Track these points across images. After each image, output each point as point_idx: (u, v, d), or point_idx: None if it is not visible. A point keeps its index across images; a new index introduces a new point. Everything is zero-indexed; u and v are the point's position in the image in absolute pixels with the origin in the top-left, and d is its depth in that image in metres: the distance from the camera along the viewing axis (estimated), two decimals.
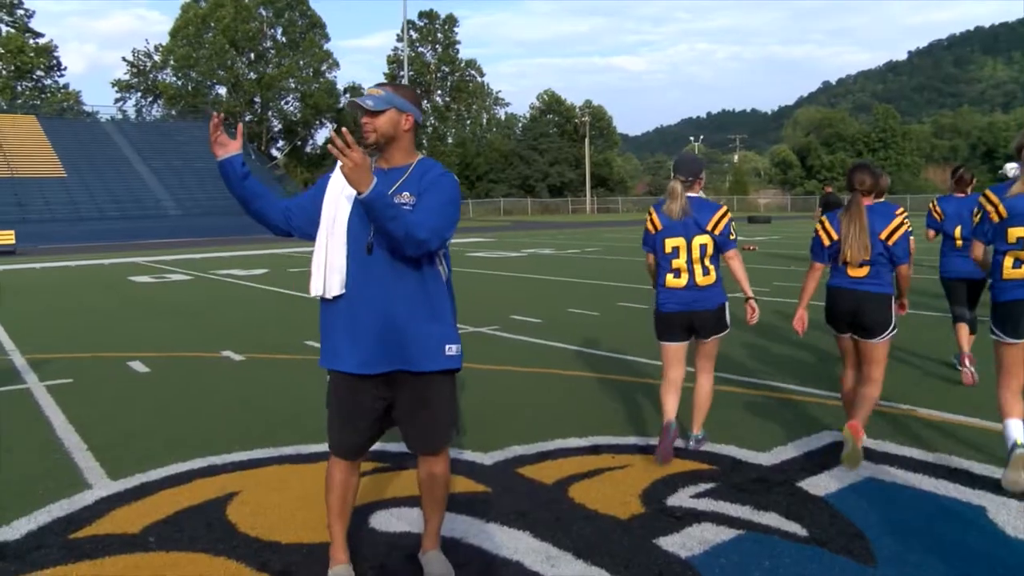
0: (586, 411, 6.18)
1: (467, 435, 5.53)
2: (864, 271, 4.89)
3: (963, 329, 7.07)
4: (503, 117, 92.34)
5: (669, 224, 5.00)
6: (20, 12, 72.79)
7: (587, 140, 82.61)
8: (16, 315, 12.53)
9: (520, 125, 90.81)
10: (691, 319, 4.98)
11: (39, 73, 73.85)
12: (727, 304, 5.04)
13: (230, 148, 3.30)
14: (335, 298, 3.25)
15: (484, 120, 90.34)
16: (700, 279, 4.95)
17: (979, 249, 4.78)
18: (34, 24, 74.52)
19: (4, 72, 71.22)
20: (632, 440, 5.39)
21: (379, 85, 3.34)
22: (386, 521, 4.13)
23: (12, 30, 71.96)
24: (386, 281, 3.21)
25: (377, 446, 3.78)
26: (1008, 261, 4.51)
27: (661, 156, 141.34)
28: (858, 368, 5.12)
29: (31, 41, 72.68)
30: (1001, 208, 4.52)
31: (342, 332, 3.26)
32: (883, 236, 4.85)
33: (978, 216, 4.72)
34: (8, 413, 6.54)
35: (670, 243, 4.98)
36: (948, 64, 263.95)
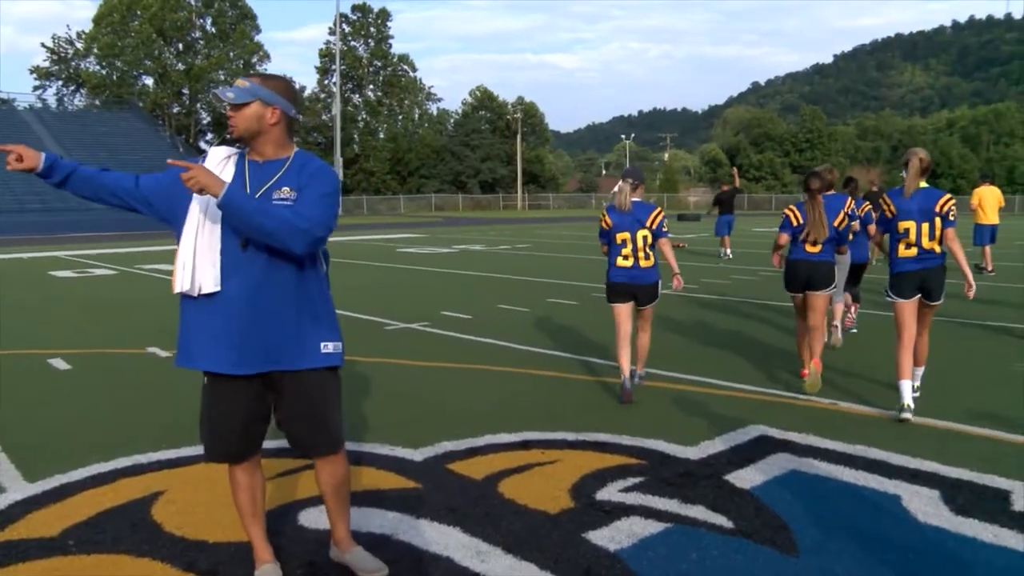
0: (516, 406, 6.20)
1: (396, 431, 5.50)
2: (818, 248, 6.86)
3: (848, 297, 9.35)
4: (435, 113, 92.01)
5: (619, 222, 6.52)
6: None
7: (519, 137, 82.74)
8: None
9: (452, 121, 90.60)
10: (633, 290, 6.52)
11: None
12: (659, 281, 6.57)
13: (27, 160, 3.10)
14: (204, 295, 3.12)
15: (416, 115, 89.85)
16: (643, 263, 6.49)
17: (879, 236, 6.49)
18: None
19: None
20: (561, 435, 5.41)
21: (247, 76, 3.24)
22: (315, 518, 4.08)
23: None
24: (261, 278, 3.12)
25: None
26: (900, 246, 6.09)
27: (592, 153, 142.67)
28: (805, 317, 6.98)
29: None
30: (892, 207, 6.09)
31: (212, 331, 3.13)
32: (835, 223, 6.87)
33: (876, 213, 6.42)
34: None
35: (619, 236, 6.51)
36: (871, 68, 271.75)
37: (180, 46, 77.21)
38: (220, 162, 3.23)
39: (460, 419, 5.83)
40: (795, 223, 6.92)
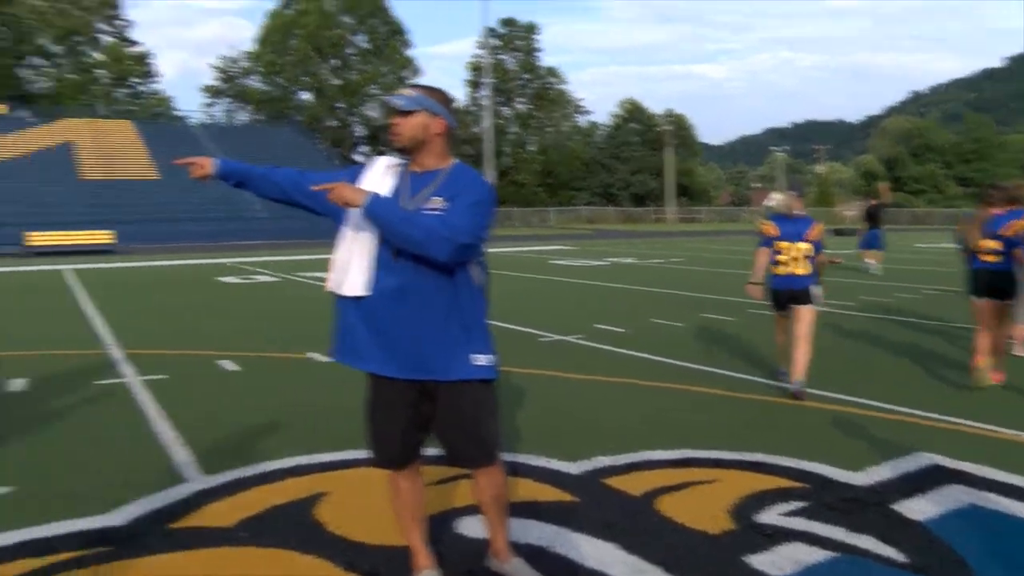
0: (673, 423, 6.12)
1: (552, 443, 5.52)
2: (995, 258, 7.34)
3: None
4: (584, 125, 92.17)
5: (783, 231, 7.04)
6: (120, 22, 75.64)
7: (669, 149, 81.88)
8: (114, 311, 12.95)
9: (601, 133, 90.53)
10: (790, 294, 7.05)
11: (135, 80, 76.44)
12: (814, 287, 7.04)
13: (205, 168, 3.37)
14: (357, 298, 3.19)
15: (565, 128, 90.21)
16: (799, 271, 6.99)
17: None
18: (131, 34, 77.46)
19: (105, 80, 74.03)
20: (720, 454, 5.29)
21: (412, 86, 3.31)
22: (473, 527, 4.12)
23: (113, 40, 74.76)
24: (410, 286, 3.15)
25: None
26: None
27: (744, 166, 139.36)
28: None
29: (129, 50, 75.37)
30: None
31: (368, 333, 3.20)
32: (1002, 232, 7.25)
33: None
34: (108, 405, 6.78)
35: (781, 245, 7.03)
36: None
37: (335, 62, 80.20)
38: (383, 171, 3.33)
39: (616, 433, 5.79)
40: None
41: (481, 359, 3.26)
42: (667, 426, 6.02)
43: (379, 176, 3.31)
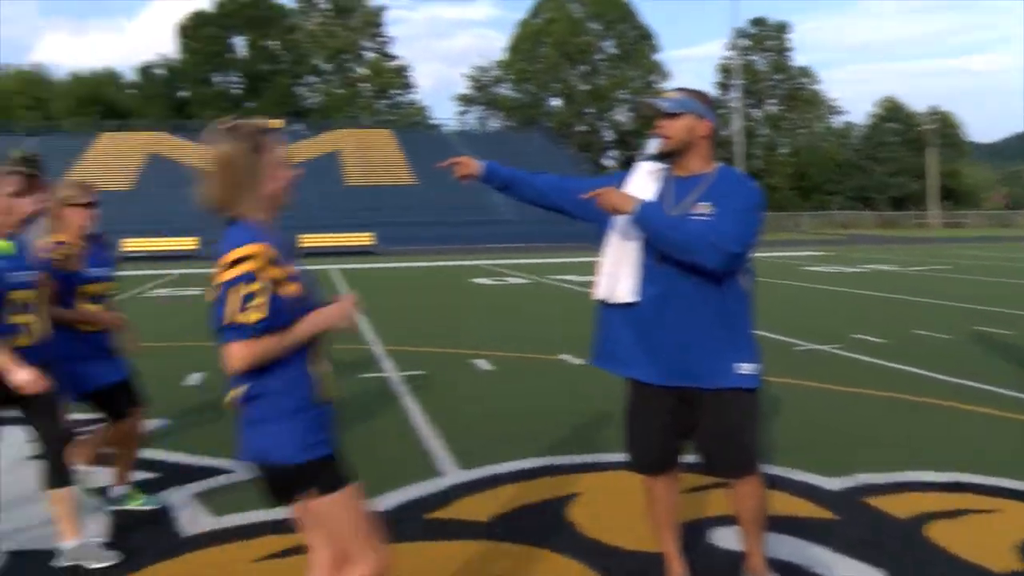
0: (943, 443, 5.68)
1: (809, 456, 5.27)
2: None
3: None
4: (839, 126, 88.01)
5: None
6: (382, 39, 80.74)
7: (932, 149, 76.50)
8: (375, 308, 13.74)
9: (857, 134, 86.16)
10: None
11: (395, 91, 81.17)
12: None
13: (470, 168, 3.44)
14: (623, 304, 3.16)
15: (819, 129, 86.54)
16: None
17: None
18: (392, 49, 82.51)
19: (368, 92, 79.27)
20: (1003, 482, 4.81)
21: (677, 89, 3.25)
22: (726, 538, 4.01)
23: (375, 55, 79.90)
24: (675, 292, 3.09)
25: None
26: None
27: (1020, 164, 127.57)
28: None
29: (389, 63, 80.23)
30: None
31: (632, 339, 3.17)
32: None
33: None
34: (373, 397, 7.23)
35: None
36: None
37: (584, 68, 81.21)
38: (645, 176, 3.29)
39: (878, 450, 5.45)
40: None
41: (746, 367, 3.16)
42: (937, 446, 5.59)
43: (642, 182, 3.29)
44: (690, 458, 3.47)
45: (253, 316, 2.23)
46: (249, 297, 2.23)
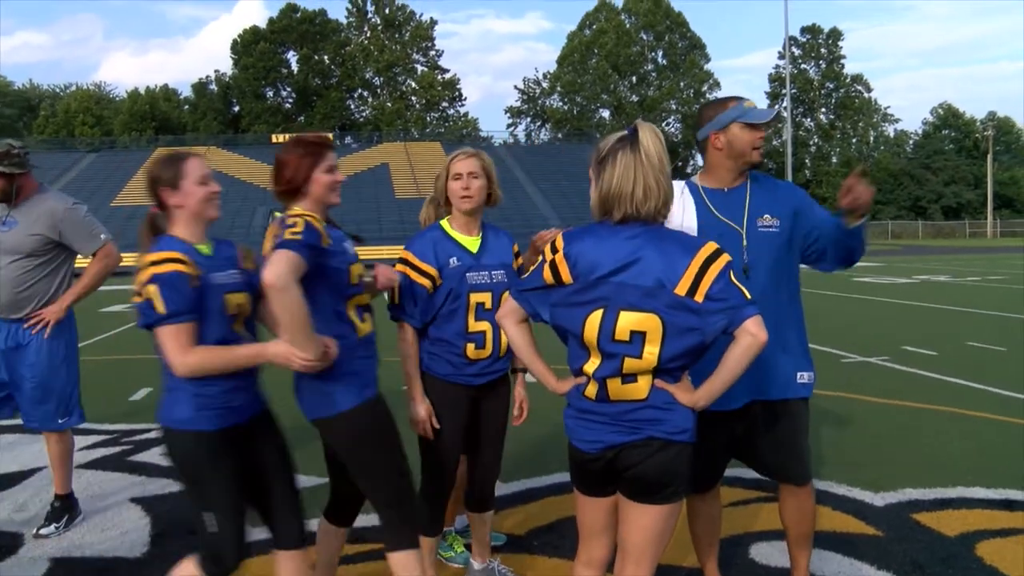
0: (994, 459, 5.52)
1: (855, 471, 5.17)
2: None
3: None
4: (892, 135, 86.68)
5: None
6: (432, 53, 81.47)
7: (990, 156, 74.93)
8: None
9: (911, 142, 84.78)
10: None
11: (444, 104, 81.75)
12: None
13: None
14: None
15: (871, 138, 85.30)
16: None
17: None
18: (442, 62, 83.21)
19: (418, 105, 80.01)
20: None
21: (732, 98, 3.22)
22: (766, 554, 3.96)
23: (425, 69, 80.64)
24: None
25: (757, 476, 3.62)
26: None
27: None
28: None
29: (439, 77, 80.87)
30: None
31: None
32: None
33: None
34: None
35: None
36: None
37: (633, 79, 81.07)
38: (676, 197, 3.21)
39: (927, 465, 5.33)
40: None
41: (805, 376, 3.19)
42: (988, 461, 5.44)
43: (679, 203, 3.16)
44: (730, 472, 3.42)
45: None
46: None
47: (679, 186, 3.25)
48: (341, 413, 2.85)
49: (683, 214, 3.12)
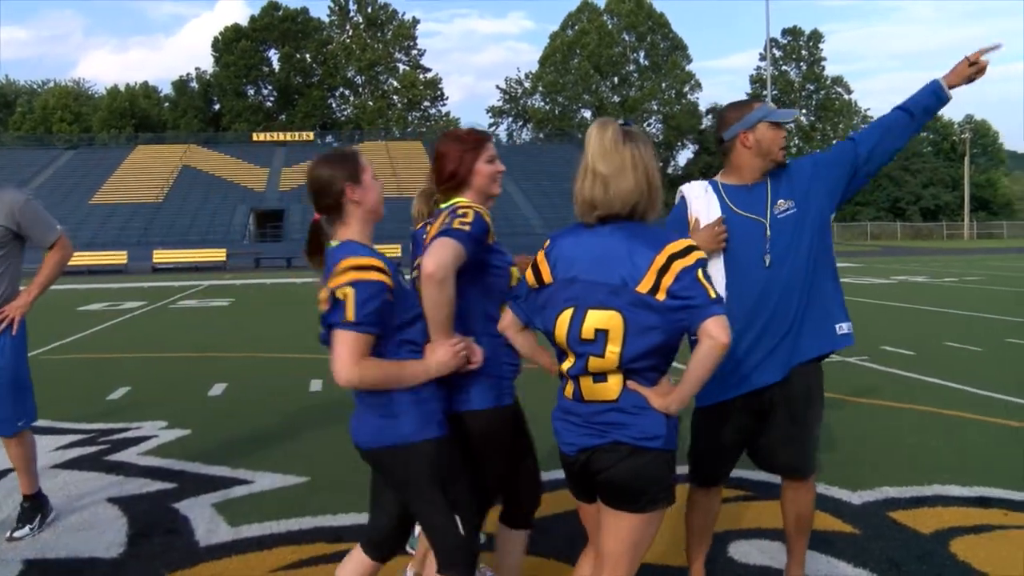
0: (969, 456, 5.57)
1: (833, 470, 5.20)
2: None
3: None
4: None
5: None
6: (414, 52, 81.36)
7: (967, 159, 75.60)
8: None
9: None
10: None
11: (426, 103, 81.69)
12: None
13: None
14: None
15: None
16: None
17: None
18: (423, 61, 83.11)
19: (400, 104, 79.85)
20: None
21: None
22: (745, 552, 3.97)
23: (407, 68, 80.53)
24: (783, 297, 3.16)
25: (739, 473, 3.64)
26: None
27: None
28: None
29: (421, 76, 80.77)
30: None
31: (734, 357, 3.11)
32: None
33: None
34: None
35: None
36: None
37: (615, 79, 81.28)
38: (701, 196, 3.28)
39: (903, 464, 5.37)
40: None
41: (844, 327, 3.42)
42: (963, 460, 5.49)
43: (701, 200, 3.26)
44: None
45: None
46: None
47: (702, 186, 3.31)
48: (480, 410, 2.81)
49: (708, 211, 3.20)
